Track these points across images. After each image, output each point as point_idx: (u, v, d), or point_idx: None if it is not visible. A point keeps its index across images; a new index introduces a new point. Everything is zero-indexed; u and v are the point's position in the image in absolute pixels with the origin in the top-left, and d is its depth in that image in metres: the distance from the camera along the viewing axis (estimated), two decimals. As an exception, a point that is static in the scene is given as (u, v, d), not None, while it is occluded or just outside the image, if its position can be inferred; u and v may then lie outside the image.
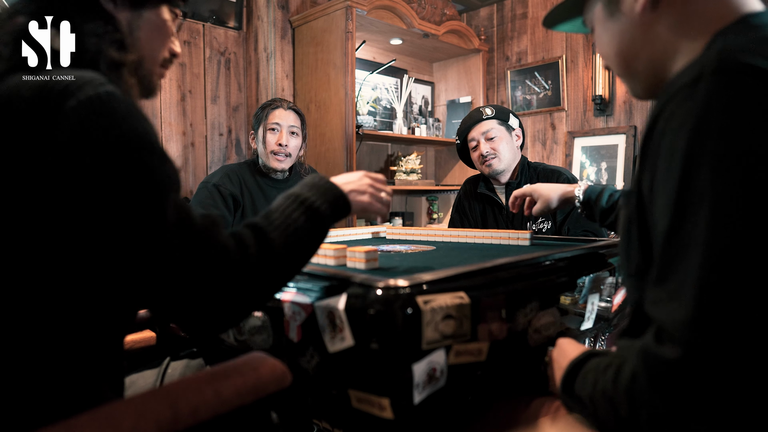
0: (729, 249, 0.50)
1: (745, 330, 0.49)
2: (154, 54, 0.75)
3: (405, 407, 0.69)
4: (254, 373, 0.65)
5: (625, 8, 0.70)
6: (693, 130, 0.53)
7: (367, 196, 0.83)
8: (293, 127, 1.89)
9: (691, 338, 0.50)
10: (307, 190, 0.76)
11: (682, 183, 0.53)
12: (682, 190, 0.54)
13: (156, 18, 0.73)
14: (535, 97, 3.23)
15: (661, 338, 0.53)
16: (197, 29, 2.69)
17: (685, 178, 0.53)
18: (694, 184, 0.53)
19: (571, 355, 0.71)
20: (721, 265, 0.50)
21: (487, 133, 1.89)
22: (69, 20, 0.64)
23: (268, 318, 0.86)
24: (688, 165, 0.53)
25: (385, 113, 3.38)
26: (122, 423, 0.52)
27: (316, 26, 2.73)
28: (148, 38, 0.73)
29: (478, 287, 0.77)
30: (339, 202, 0.78)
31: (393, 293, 0.69)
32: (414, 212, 3.52)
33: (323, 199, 0.75)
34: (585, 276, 1.00)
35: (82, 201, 0.55)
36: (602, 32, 0.76)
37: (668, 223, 0.55)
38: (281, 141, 1.85)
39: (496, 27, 3.46)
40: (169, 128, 2.61)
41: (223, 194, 1.79)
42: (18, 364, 0.57)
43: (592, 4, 0.77)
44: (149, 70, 0.74)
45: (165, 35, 0.75)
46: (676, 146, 0.54)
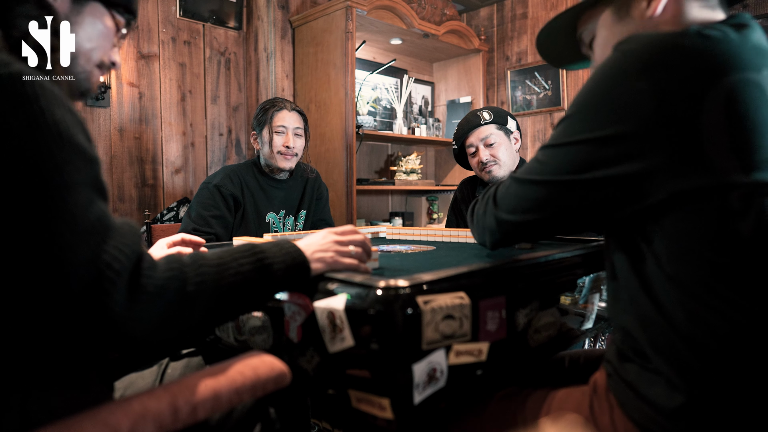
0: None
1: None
2: (90, 53, 0.72)
3: (405, 407, 0.69)
4: (253, 373, 0.64)
5: (636, 12, 0.78)
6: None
7: (330, 254, 0.80)
8: (298, 129, 1.90)
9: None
10: (271, 246, 0.74)
11: None
12: None
13: (96, 19, 0.72)
14: (535, 97, 3.23)
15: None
16: (197, 29, 2.69)
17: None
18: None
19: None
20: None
21: (486, 139, 1.87)
22: (5, 9, 0.61)
23: (268, 318, 0.86)
24: None
25: (385, 113, 3.38)
26: (122, 423, 0.52)
27: (316, 26, 2.73)
28: (85, 35, 0.71)
29: (478, 287, 0.77)
30: (296, 268, 0.75)
31: (393, 293, 0.69)
32: (414, 212, 3.52)
33: (281, 260, 0.73)
34: (585, 276, 1.00)
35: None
36: (609, 35, 0.82)
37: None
38: (288, 143, 1.86)
39: (496, 27, 3.46)
40: (169, 128, 2.61)
41: (224, 195, 1.79)
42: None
43: (597, 14, 0.84)
44: (83, 69, 0.72)
45: (103, 38, 0.74)
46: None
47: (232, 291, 0.66)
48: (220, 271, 0.66)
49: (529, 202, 0.78)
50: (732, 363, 0.63)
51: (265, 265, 0.71)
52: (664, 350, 0.66)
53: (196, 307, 0.62)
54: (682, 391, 0.64)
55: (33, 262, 0.52)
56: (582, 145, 0.70)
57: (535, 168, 0.77)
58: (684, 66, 0.64)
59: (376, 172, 3.41)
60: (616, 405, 0.72)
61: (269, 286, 0.72)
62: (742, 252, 0.63)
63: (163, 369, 0.98)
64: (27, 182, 0.51)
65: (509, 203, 0.82)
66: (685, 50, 0.65)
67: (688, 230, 0.65)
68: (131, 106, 2.48)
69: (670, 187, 0.64)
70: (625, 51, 0.68)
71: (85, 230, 0.54)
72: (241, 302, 0.69)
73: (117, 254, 0.56)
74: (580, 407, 0.77)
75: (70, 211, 0.54)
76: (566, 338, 0.98)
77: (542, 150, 0.78)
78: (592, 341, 1.79)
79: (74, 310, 0.53)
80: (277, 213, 1.94)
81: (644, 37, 0.68)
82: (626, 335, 0.72)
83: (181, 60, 2.64)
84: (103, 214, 0.57)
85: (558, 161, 0.73)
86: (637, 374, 0.70)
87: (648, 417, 0.67)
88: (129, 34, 0.79)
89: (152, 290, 0.57)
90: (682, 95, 0.63)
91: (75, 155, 0.55)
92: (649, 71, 0.65)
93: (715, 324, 0.63)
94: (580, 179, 0.71)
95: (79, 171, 0.56)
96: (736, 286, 0.63)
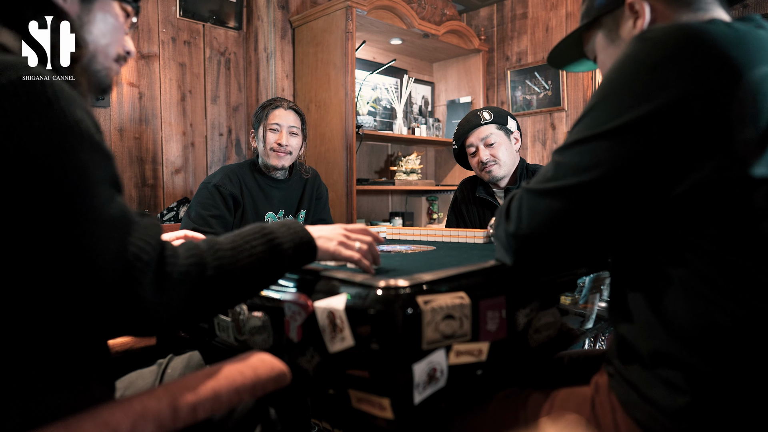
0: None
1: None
2: (107, 49, 0.74)
3: (405, 407, 0.69)
4: (253, 373, 0.64)
5: (624, 34, 0.81)
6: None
7: (335, 243, 0.83)
8: (293, 128, 1.89)
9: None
10: (278, 227, 0.77)
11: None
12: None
13: (106, 13, 0.73)
14: (535, 97, 3.23)
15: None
16: (197, 29, 2.69)
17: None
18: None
19: None
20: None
21: (486, 138, 1.87)
22: (21, 16, 0.63)
23: (268, 318, 0.86)
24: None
25: (385, 113, 3.38)
26: (121, 422, 0.52)
27: (316, 26, 2.73)
28: (99, 32, 0.72)
29: (478, 287, 0.77)
30: (303, 246, 0.78)
31: (393, 293, 0.69)
32: (414, 212, 3.52)
33: (289, 239, 0.76)
34: (585, 276, 1.00)
35: (7, 192, 0.52)
36: (605, 58, 0.86)
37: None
38: (281, 141, 1.85)
39: (496, 27, 3.46)
40: (169, 128, 2.61)
41: (223, 195, 1.79)
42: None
43: (593, 36, 0.88)
44: (103, 65, 0.74)
45: (117, 30, 0.75)
46: None
47: (247, 272, 0.70)
48: (235, 254, 0.69)
49: (542, 215, 0.72)
50: (744, 365, 0.62)
51: (275, 245, 0.74)
52: (669, 354, 0.66)
53: (216, 289, 0.66)
54: (686, 393, 0.64)
55: (64, 260, 0.53)
56: (605, 137, 0.66)
57: (550, 174, 0.72)
58: (712, 55, 0.62)
59: (376, 172, 3.41)
60: (618, 405, 0.72)
61: (280, 265, 0.75)
62: (766, 254, 0.62)
63: (163, 369, 0.98)
64: (54, 182, 0.53)
65: (519, 215, 0.75)
66: (713, 39, 0.63)
67: (708, 231, 0.64)
68: (131, 106, 2.48)
69: (693, 178, 0.62)
70: (651, 39, 0.66)
71: (111, 225, 0.57)
72: (255, 281, 0.72)
73: (143, 245, 0.58)
74: (582, 407, 0.76)
75: (96, 208, 0.56)
76: (566, 338, 0.98)
77: (559, 152, 0.73)
78: (592, 341, 1.79)
79: (106, 302, 0.55)
80: (276, 213, 1.94)
81: (669, 26, 0.67)
82: (629, 337, 0.72)
83: (181, 60, 2.64)
84: (126, 208, 0.60)
85: (578, 159, 0.69)
86: (640, 375, 0.69)
87: (651, 417, 0.67)
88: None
89: (177, 277, 0.61)
90: (709, 85, 0.62)
91: (95, 153, 0.58)
92: (676, 59, 0.63)
93: (730, 328, 0.62)
94: (600, 177, 0.66)
95: (100, 168, 0.58)
96: (756, 290, 0.62)
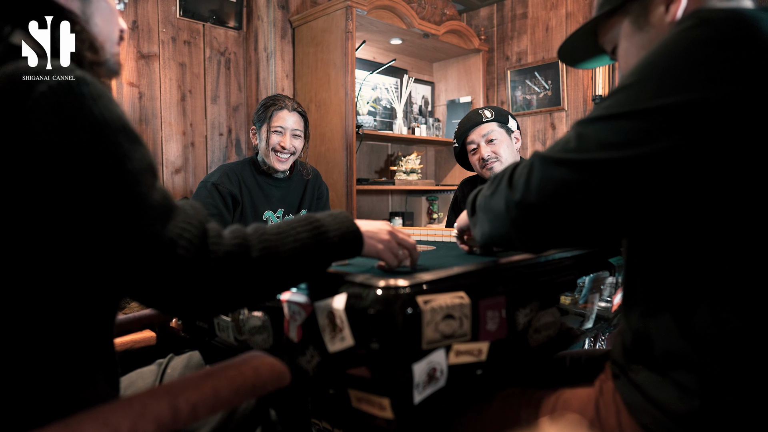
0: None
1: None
2: (111, 35, 0.76)
3: (405, 407, 0.69)
4: (253, 372, 0.64)
5: (655, 20, 0.76)
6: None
7: (383, 244, 0.82)
8: (296, 131, 1.89)
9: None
10: (325, 216, 0.77)
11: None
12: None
13: (101, 0, 0.74)
14: (535, 97, 3.23)
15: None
16: (197, 29, 2.69)
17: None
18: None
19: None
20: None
21: (487, 135, 1.87)
22: (29, 17, 0.64)
23: (268, 318, 0.86)
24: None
25: (385, 113, 3.38)
26: (122, 422, 0.52)
27: (316, 26, 2.73)
28: (102, 21, 0.73)
29: (478, 287, 0.77)
30: (350, 237, 0.78)
31: (393, 293, 0.69)
32: (414, 212, 3.52)
33: (336, 228, 0.76)
34: (585, 276, 1.00)
35: (56, 187, 0.54)
36: (630, 46, 0.80)
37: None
38: (284, 144, 1.85)
39: (496, 27, 3.46)
40: (169, 128, 2.61)
41: (222, 193, 1.79)
42: (8, 360, 0.57)
43: (615, 24, 0.82)
44: (111, 53, 0.75)
45: (113, 14, 0.76)
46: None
47: (292, 257, 0.70)
48: (281, 238, 0.70)
49: (554, 185, 0.64)
50: (760, 372, 0.61)
51: (321, 233, 0.74)
52: (683, 355, 0.65)
53: (260, 272, 0.66)
54: (696, 396, 0.63)
55: (114, 248, 0.56)
56: (640, 116, 0.61)
57: (572, 144, 0.65)
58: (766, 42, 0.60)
59: (376, 172, 3.41)
60: (623, 407, 0.71)
61: (325, 253, 0.75)
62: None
63: (163, 369, 0.98)
64: (106, 174, 0.56)
65: (527, 182, 0.66)
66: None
67: (739, 234, 0.62)
68: (131, 106, 2.48)
69: (732, 177, 0.60)
70: (706, 19, 0.63)
71: (156, 211, 0.59)
72: (300, 268, 0.72)
73: (186, 227, 0.61)
74: (586, 409, 0.76)
75: (142, 195, 0.59)
76: (566, 338, 0.98)
77: (582, 123, 0.66)
78: (592, 341, 1.79)
79: (153, 283, 0.58)
80: (275, 212, 1.94)
81: (721, 9, 0.65)
82: (638, 338, 0.71)
83: (181, 60, 2.64)
84: (167, 194, 0.63)
85: (606, 135, 0.62)
86: (648, 376, 0.68)
87: (657, 420, 0.66)
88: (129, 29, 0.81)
89: (222, 256, 0.62)
90: (762, 72, 0.59)
91: (135, 143, 0.60)
92: (731, 41, 0.60)
93: (750, 334, 0.61)
94: (628, 158, 0.60)
95: (141, 157, 0.60)
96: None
